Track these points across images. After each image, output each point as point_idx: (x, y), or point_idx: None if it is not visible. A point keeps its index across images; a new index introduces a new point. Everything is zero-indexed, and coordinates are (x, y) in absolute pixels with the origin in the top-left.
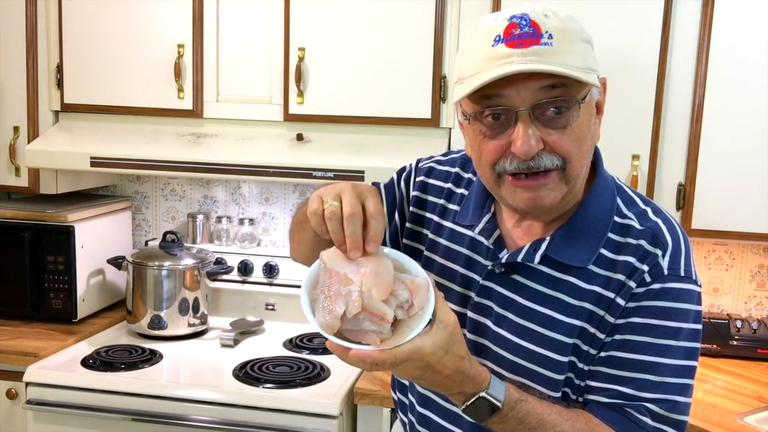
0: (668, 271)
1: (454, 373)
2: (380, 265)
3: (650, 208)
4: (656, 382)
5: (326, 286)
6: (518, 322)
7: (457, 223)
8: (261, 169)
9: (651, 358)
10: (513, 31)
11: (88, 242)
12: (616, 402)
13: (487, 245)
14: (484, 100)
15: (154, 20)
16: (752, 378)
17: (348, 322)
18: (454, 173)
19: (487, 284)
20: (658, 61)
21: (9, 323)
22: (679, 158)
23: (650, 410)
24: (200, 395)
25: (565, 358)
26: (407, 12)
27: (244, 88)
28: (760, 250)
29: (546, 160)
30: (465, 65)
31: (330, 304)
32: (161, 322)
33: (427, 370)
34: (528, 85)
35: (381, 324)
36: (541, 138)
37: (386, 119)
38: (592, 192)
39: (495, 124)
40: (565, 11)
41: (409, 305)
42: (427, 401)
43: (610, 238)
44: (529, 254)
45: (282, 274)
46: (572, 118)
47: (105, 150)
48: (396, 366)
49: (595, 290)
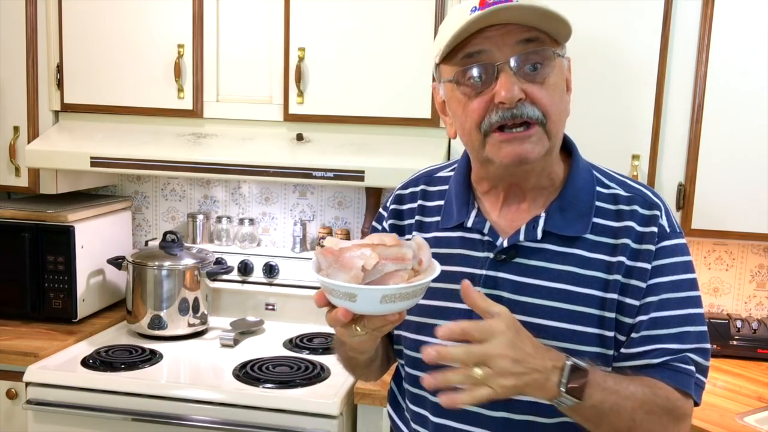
0: (669, 229)
1: (535, 349)
2: (379, 233)
3: (627, 179)
4: (694, 332)
5: (335, 260)
6: (534, 303)
7: (442, 229)
8: (261, 169)
9: (686, 311)
10: (488, 0)
11: (88, 242)
12: (665, 359)
13: (481, 238)
14: (465, 60)
15: (154, 20)
16: (752, 378)
17: (369, 275)
18: (419, 191)
19: (492, 274)
20: (658, 61)
21: (9, 323)
22: (679, 158)
23: (693, 360)
24: (200, 395)
25: (592, 329)
26: (407, 12)
27: (244, 88)
28: (760, 250)
29: (528, 110)
30: (443, 38)
31: (347, 263)
32: (161, 322)
33: (515, 347)
34: (506, 39)
35: (403, 263)
36: (522, 89)
37: (386, 119)
38: (573, 168)
39: (477, 84)
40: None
41: (419, 260)
42: (444, 409)
43: (601, 207)
44: (530, 232)
45: (282, 274)
46: (549, 72)
47: (105, 150)
48: (485, 342)
49: (600, 258)
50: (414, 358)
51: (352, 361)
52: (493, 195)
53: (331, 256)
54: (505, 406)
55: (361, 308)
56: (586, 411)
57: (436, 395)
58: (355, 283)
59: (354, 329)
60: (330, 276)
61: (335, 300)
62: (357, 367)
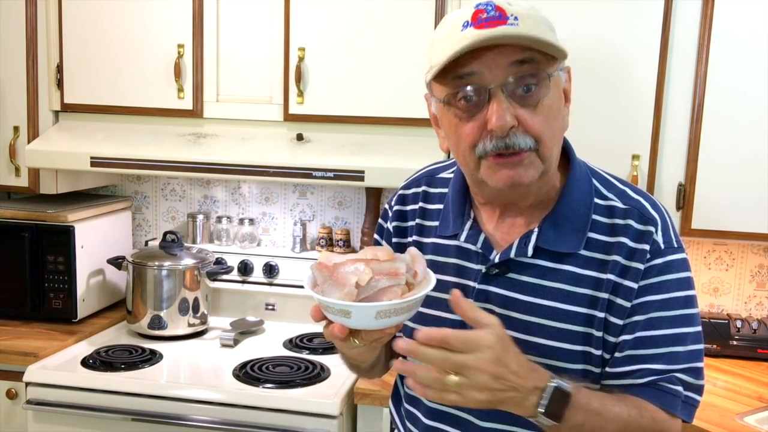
0: (665, 245)
1: (520, 367)
2: (372, 247)
3: (628, 188)
4: (683, 353)
5: (330, 275)
6: (523, 319)
7: (440, 236)
8: (261, 169)
9: (676, 330)
10: (480, 15)
11: (88, 242)
12: (650, 380)
13: (476, 250)
14: (456, 81)
15: (154, 20)
16: (752, 378)
17: (363, 291)
18: (421, 192)
19: (483, 288)
20: (658, 61)
21: (9, 323)
22: (679, 158)
23: (681, 380)
24: (200, 395)
25: (578, 347)
26: (407, 12)
27: (244, 88)
28: (760, 250)
29: (520, 140)
30: (435, 54)
31: (341, 279)
32: (161, 322)
33: (499, 363)
34: (498, 61)
35: (396, 278)
36: (515, 115)
37: (386, 119)
38: (570, 179)
39: (469, 106)
40: (528, 2)
41: (414, 273)
42: (436, 413)
43: (596, 221)
44: (521, 248)
45: (282, 274)
46: (543, 95)
47: (105, 150)
48: (467, 353)
49: (591, 275)
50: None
51: (354, 368)
52: (489, 208)
53: (327, 270)
54: (496, 417)
55: (356, 324)
56: (567, 431)
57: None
58: (349, 299)
59: (352, 341)
60: (325, 292)
61: (331, 316)
62: (360, 370)
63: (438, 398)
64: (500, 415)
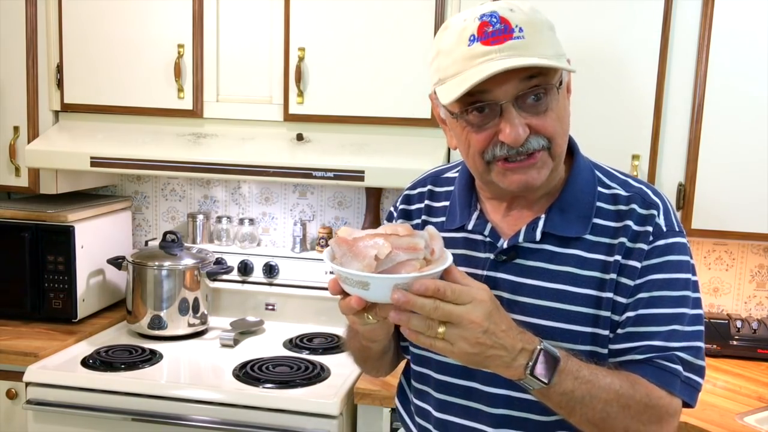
0: (666, 228)
1: (510, 327)
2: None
3: (629, 178)
4: (683, 332)
5: (349, 249)
6: (531, 303)
7: (447, 230)
8: (261, 169)
9: (676, 310)
10: (486, 29)
11: (88, 242)
12: (649, 356)
13: (483, 239)
14: (468, 97)
15: (154, 20)
16: (752, 378)
17: (382, 264)
18: (426, 191)
19: (491, 274)
20: (658, 61)
21: (9, 323)
22: (679, 158)
23: (681, 358)
24: (200, 395)
25: (587, 328)
26: (407, 12)
27: (244, 88)
28: (760, 250)
29: (533, 142)
30: (444, 66)
31: (361, 252)
32: (161, 322)
33: (491, 319)
34: (509, 79)
35: (415, 253)
36: (526, 123)
37: (386, 119)
38: (574, 169)
39: (480, 117)
40: (527, 3)
41: (431, 250)
42: (446, 405)
43: (601, 207)
44: (529, 233)
45: (282, 274)
46: (551, 102)
47: (105, 150)
48: (460, 305)
49: (598, 258)
50: (418, 355)
51: (365, 352)
52: (496, 201)
53: (345, 245)
54: (505, 404)
55: (373, 296)
56: (556, 397)
57: (439, 392)
58: (368, 271)
59: (366, 317)
60: (344, 264)
61: (348, 288)
62: (369, 359)
63: (429, 344)
64: (511, 402)
